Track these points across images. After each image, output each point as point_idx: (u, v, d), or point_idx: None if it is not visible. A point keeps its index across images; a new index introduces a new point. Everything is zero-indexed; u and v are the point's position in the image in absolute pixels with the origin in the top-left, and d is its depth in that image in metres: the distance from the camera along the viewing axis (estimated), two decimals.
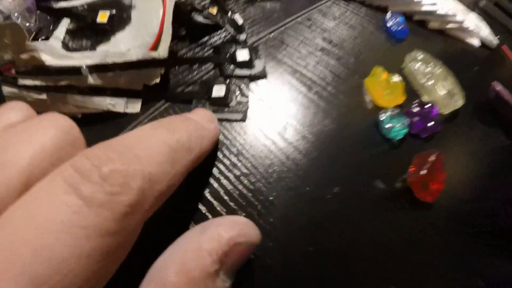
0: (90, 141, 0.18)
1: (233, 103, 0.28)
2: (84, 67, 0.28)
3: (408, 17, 0.38)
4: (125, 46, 0.30)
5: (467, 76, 0.34)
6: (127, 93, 0.30)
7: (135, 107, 0.30)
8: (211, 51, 0.33)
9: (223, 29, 0.34)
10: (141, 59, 0.28)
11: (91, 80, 0.29)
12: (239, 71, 0.30)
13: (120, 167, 0.14)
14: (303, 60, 0.33)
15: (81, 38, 0.30)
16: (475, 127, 0.32)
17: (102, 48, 0.30)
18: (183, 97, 0.30)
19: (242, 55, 0.30)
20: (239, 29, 0.34)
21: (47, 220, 0.13)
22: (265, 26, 0.35)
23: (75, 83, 0.29)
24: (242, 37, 0.34)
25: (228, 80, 0.29)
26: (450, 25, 0.37)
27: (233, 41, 0.33)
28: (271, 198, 0.26)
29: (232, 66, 0.30)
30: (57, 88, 0.30)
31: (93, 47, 0.30)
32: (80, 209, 0.13)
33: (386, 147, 0.29)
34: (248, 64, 0.31)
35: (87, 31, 0.30)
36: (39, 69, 0.29)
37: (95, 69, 0.29)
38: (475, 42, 0.39)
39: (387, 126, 0.28)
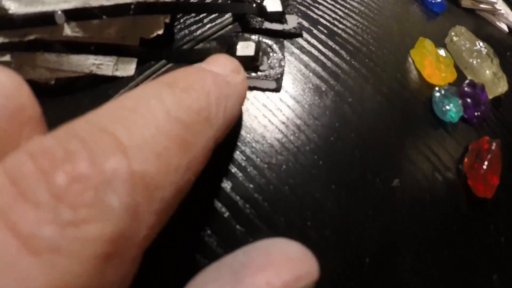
0: (65, 120, 0.11)
1: (264, 67, 0.20)
2: (60, 12, 0.21)
3: None
4: None
5: (503, 62, 0.30)
6: (118, 50, 0.21)
7: (127, 68, 0.22)
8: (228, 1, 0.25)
9: None
10: (140, 1, 0.20)
11: (69, 31, 0.22)
12: (269, 25, 0.23)
13: (87, 169, 0.09)
14: (340, 22, 0.25)
15: None
16: None
17: None
18: (193, 56, 0.21)
19: (273, 4, 0.23)
20: None
21: None
22: None
23: (47, 37, 0.22)
24: None
25: (256, 37, 0.22)
26: (482, 5, 0.35)
27: None
28: (317, 195, 0.18)
29: (259, 19, 0.23)
30: (23, 46, 0.22)
31: None
32: (15, 259, 0.07)
33: (440, 131, 0.24)
34: (280, 17, 0.23)
35: None
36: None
37: (75, 15, 0.21)
38: (504, 27, 0.37)
39: (443, 108, 0.24)
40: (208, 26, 0.24)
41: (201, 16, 0.24)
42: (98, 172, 0.09)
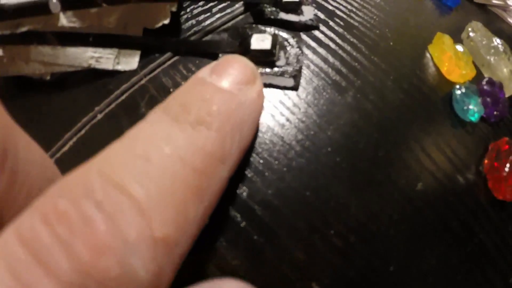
0: (61, 118, 0.13)
1: (281, 62, 0.18)
2: (54, 0, 0.19)
3: None
4: None
5: None
6: (119, 41, 0.19)
7: (130, 62, 0.19)
8: None
9: None
10: None
11: (64, 21, 0.19)
12: (285, 16, 0.21)
13: (109, 238, 0.08)
14: (356, 14, 0.24)
15: None
16: None
17: None
18: (202, 48, 0.19)
19: None
20: None
21: None
22: None
23: (40, 28, 0.20)
24: None
25: (271, 29, 0.20)
26: (495, 1, 0.34)
27: None
28: (341, 199, 0.17)
29: (274, 8, 0.21)
30: (15, 38, 0.20)
31: None
32: None
33: (459, 130, 0.22)
34: (296, 7, 0.21)
35: None
36: None
37: (71, 3, 0.19)
38: None
39: (464, 107, 0.22)
40: (217, 16, 0.21)
41: (209, 5, 0.22)
42: (121, 241, 0.08)
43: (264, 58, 0.18)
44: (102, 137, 0.18)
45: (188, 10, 0.21)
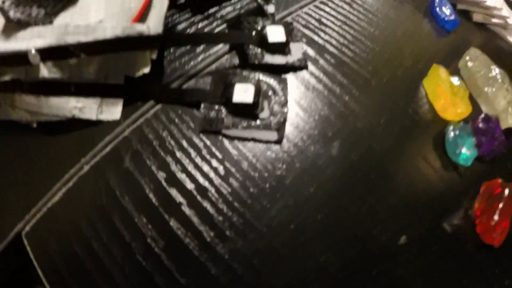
0: (49, 167, 0.13)
1: (264, 114, 0.18)
2: (33, 51, 0.18)
3: (451, 4, 0.31)
4: (96, 14, 0.19)
5: None
6: (101, 91, 0.19)
7: (113, 111, 0.19)
8: (223, 26, 0.22)
9: None
10: (121, 36, 0.17)
11: (45, 72, 0.19)
12: (270, 59, 0.20)
13: None
14: (348, 48, 0.22)
15: (30, 4, 0.20)
16: None
17: (61, 20, 0.20)
18: (184, 97, 0.19)
19: (276, 33, 0.19)
20: None
21: None
22: None
23: (22, 78, 0.19)
24: (270, 9, 0.22)
25: (256, 76, 0.19)
26: (494, 20, 0.33)
27: (256, 13, 0.22)
28: (321, 258, 0.17)
29: (259, 50, 0.20)
30: (0, 85, 0.20)
31: (48, 18, 0.20)
32: None
33: (450, 174, 0.21)
34: (283, 48, 0.20)
35: None
36: None
37: (50, 54, 0.18)
38: None
39: (456, 150, 0.21)
40: (201, 57, 0.20)
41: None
42: None
43: (247, 111, 0.18)
44: (89, 189, 0.19)
45: (171, 50, 0.21)
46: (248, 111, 0.17)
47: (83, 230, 0.17)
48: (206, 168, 0.18)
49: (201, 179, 0.17)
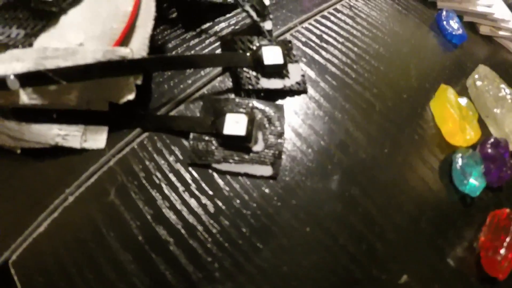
0: (33, 197, 0.12)
1: (258, 147, 0.16)
2: (12, 77, 0.17)
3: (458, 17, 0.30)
4: (76, 36, 0.18)
5: None
6: (84, 118, 0.17)
7: (97, 139, 0.18)
8: (216, 44, 0.20)
9: (236, 12, 0.21)
10: (102, 60, 0.16)
11: (25, 98, 0.17)
12: (266, 83, 0.18)
13: None
14: (351, 68, 0.20)
15: (9, 24, 0.18)
16: None
17: (41, 41, 0.18)
18: (172, 125, 0.17)
19: (272, 55, 0.17)
20: (261, 12, 0.20)
21: None
22: (293, 13, 0.21)
23: (2, 103, 0.18)
24: (267, 25, 0.20)
25: (249, 103, 0.17)
26: (501, 32, 0.32)
27: (252, 30, 0.20)
28: None
29: (254, 74, 0.18)
30: None
31: (27, 40, 0.18)
32: None
33: (457, 204, 0.20)
34: (280, 70, 0.18)
35: (19, 11, 0.18)
36: None
37: (29, 79, 0.17)
38: None
39: (464, 180, 0.20)
40: (191, 79, 0.19)
41: None
42: None
43: (239, 144, 0.16)
44: (73, 222, 0.18)
45: (160, 73, 0.19)
46: (240, 144, 0.16)
47: (66, 267, 0.17)
48: (194, 204, 0.16)
49: (189, 217, 0.16)
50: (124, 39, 0.16)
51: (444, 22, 0.26)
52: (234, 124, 0.16)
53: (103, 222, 0.17)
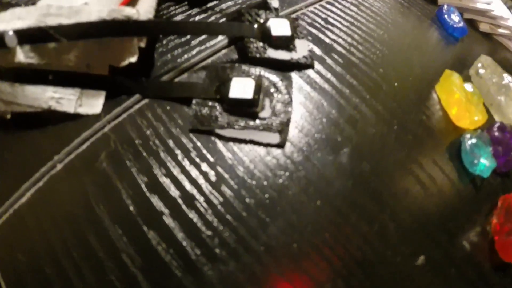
0: (20, 165, 0.11)
1: (265, 113, 0.15)
2: (10, 33, 0.16)
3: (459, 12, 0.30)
4: None
5: None
6: (82, 81, 0.16)
7: (93, 104, 0.16)
8: (222, 20, 0.19)
9: None
10: (107, 19, 0.15)
11: (22, 57, 0.16)
12: (273, 53, 0.18)
13: None
14: (357, 49, 0.20)
15: None
16: None
17: (44, 1, 0.18)
18: (174, 92, 0.16)
19: (280, 26, 0.17)
20: None
21: None
22: None
23: None
24: (274, 3, 0.21)
25: (256, 71, 0.17)
26: (501, 30, 0.32)
27: (260, 6, 0.20)
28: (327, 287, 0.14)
29: (261, 44, 0.18)
30: None
31: (31, 0, 0.18)
32: None
33: (466, 186, 0.19)
34: (287, 43, 0.18)
35: None
36: None
37: (28, 36, 0.16)
38: None
39: (474, 159, 0.19)
40: (196, 50, 0.18)
41: (188, 36, 0.19)
42: None
43: (245, 109, 0.15)
44: (60, 192, 0.16)
45: (164, 42, 0.18)
46: (246, 109, 0.15)
47: (52, 243, 0.15)
48: (194, 172, 0.15)
49: (188, 186, 0.14)
50: (131, 1, 0.16)
51: (446, 16, 0.26)
52: (241, 88, 0.15)
53: (93, 192, 0.15)
